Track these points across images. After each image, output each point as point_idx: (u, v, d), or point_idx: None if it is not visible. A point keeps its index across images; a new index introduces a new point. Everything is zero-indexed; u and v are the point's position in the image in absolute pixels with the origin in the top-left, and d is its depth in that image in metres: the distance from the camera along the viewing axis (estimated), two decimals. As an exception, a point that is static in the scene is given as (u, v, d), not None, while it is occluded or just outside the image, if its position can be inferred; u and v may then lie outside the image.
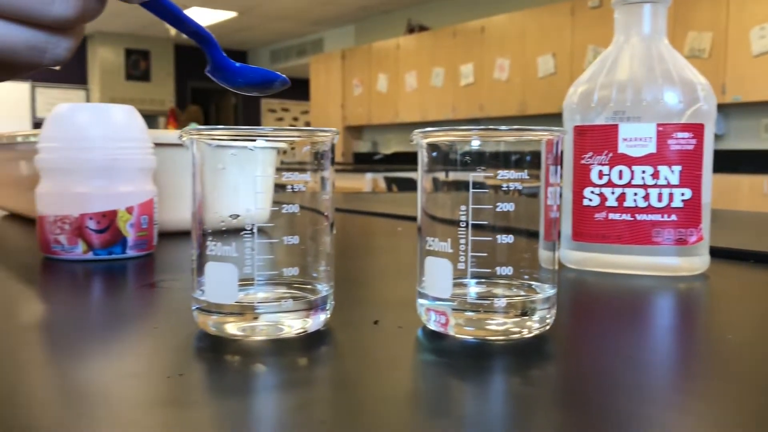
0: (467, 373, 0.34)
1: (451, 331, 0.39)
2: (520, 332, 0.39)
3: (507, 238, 0.39)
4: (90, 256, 0.65)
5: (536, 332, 0.39)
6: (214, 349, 0.37)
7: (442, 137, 0.40)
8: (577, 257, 0.63)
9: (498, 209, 0.38)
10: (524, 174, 0.38)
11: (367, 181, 4.72)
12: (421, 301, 0.41)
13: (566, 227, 0.64)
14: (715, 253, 0.64)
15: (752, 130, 4.18)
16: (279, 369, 0.35)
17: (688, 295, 0.56)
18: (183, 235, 0.78)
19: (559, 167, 0.41)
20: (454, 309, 0.39)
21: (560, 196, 0.42)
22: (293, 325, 0.39)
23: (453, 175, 0.40)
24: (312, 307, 0.40)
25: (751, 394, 0.32)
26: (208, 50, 0.40)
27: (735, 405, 0.30)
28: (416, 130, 0.41)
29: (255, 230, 0.39)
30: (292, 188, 0.40)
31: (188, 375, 0.33)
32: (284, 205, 0.39)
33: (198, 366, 0.36)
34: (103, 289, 0.57)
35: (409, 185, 4.17)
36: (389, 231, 0.98)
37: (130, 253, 0.66)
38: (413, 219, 1.09)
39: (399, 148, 6.41)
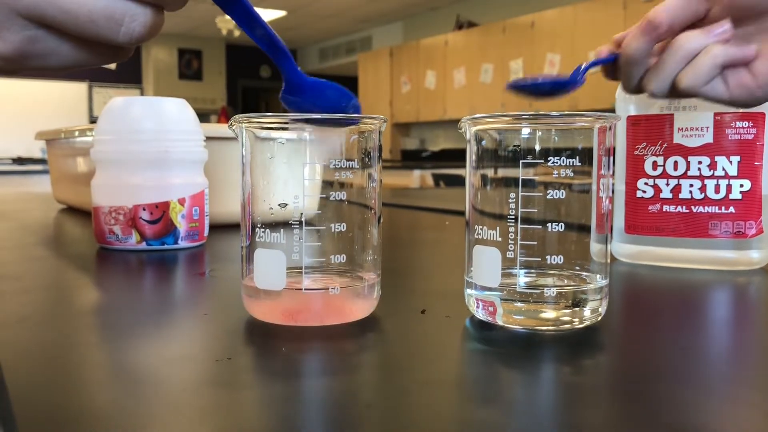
0: (515, 362, 0.34)
1: (500, 321, 0.39)
2: (570, 323, 0.38)
3: (557, 227, 0.38)
4: (143, 246, 0.66)
5: (587, 323, 0.39)
6: (263, 334, 0.38)
7: (491, 124, 0.40)
8: (630, 250, 0.62)
9: (548, 197, 0.38)
10: (576, 161, 0.38)
11: (414, 178, 4.71)
12: (469, 291, 0.41)
13: (619, 220, 0.62)
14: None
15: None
16: (326, 354, 0.35)
17: (746, 290, 0.54)
18: (233, 227, 0.79)
19: (611, 158, 0.40)
20: (502, 299, 0.38)
21: (612, 188, 0.41)
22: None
23: (502, 163, 0.39)
24: (359, 294, 0.40)
25: (814, 388, 0.30)
26: (279, 60, 0.40)
27: (797, 399, 0.29)
28: (465, 117, 0.40)
29: (303, 219, 0.39)
30: (340, 178, 0.40)
31: (237, 359, 0.34)
32: (332, 193, 0.39)
33: (247, 350, 0.36)
34: (156, 277, 0.58)
35: (457, 182, 4.15)
36: (437, 225, 0.98)
37: (182, 243, 0.67)
38: (461, 213, 1.08)
39: (447, 145, 6.38)
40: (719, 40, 0.44)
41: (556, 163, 0.38)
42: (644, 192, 0.60)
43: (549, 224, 0.38)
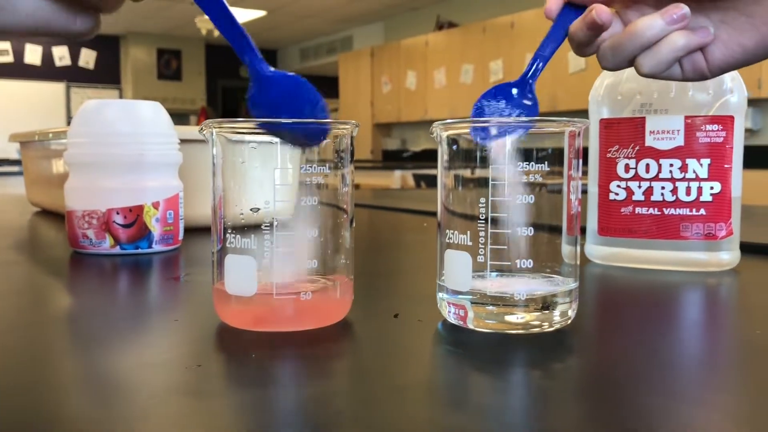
0: (486, 366, 0.34)
1: (471, 325, 0.39)
2: (540, 326, 0.38)
3: (526, 231, 0.38)
4: (117, 250, 0.66)
5: (557, 326, 0.39)
6: (234, 340, 0.38)
7: (462, 129, 0.40)
8: (603, 252, 0.62)
9: (518, 201, 0.38)
10: (545, 166, 0.38)
11: (396, 179, 4.71)
12: (440, 294, 0.41)
13: (592, 222, 0.63)
14: (747, 248, 0.63)
15: (789, 126, 4.08)
16: (297, 360, 0.35)
17: (716, 291, 0.55)
18: (209, 230, 0.79)
19: (580, 161, 0.40)
20: (473, 302, 0.39)
21: (582, 190, 0.42)
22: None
23: (472, 168, 0.40)
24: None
25: (777, 389, 0.31)
26: (244, 51, 0.40)
27: (760, 400, 0.30)
28: (436, 122, 0.40)
29: (275, 224, 0.39)
30: (311, 181, 0.40)
31: (206, 366, 0.34)
32: (304, 198, 0.39)
33: (217, 357, 0.36)
34: (129, 282, 0.58)
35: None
36: (415, 227, 0.98)
37: (156, 247, 0.67)
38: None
39: (428, 145, 6.40)
40: (678, 27, 0.44)
41: (526, 167, 0.38)
42: (617, 194, 0.61)
43: (519, 228, 0.38)
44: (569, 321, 0.40)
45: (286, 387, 0.31)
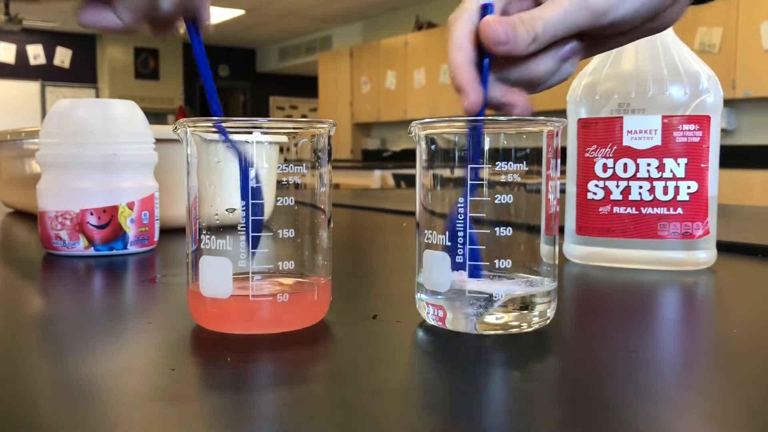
0: (464, 368, 0.34)
1: (449, 326, 0.38)
2: (519, 326, 0.38)
3: (505, 231, 0.38)
4: (91, 251, 0.64)
5: (536, 326, 0.39)
6: (209, 343, 0.37)
7: (440, 128, 0.40)
8: (581, 252, 0.62)
9: (497, 201, 0.38)
10: (523, 166, 0.38)
11: (375, 179, 4.71)
12: (419, 295, 0.40)
13: (570, 221, 0.63)
14: (723, 247, 0.63)
15: (763, 126, 4.14)
16: (273, 364, 0.34)
17: (693, 290, 0.55)
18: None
19: (558, 160, 0.40)
20: (451, 303, 0.38)
21: (560, 190, 0.41)
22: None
23: (451, 167, 0.39)
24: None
25: (754, 389, 0.31)
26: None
27: (737, 401, 0.30)
28: (415, 121, 0.40)
29: (250, 225, 0.38)
30: (288, 182, 0.39)
31: (180, 370, 0.33)
32: (280, 198, 0.39)
33: (191, 361, 0.35)
34: (103, 284, 0.57)
35: (418, 182, 4.16)
36: (394, 226, 0.98)
37: (131, 249, 0.66)
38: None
39: (408, 145, 6.40)
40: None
41: (504, 167, 0.38)
42: (595, 194, 0.61)
43: (498, 228, 0.38)
44: (548, 321, 0.39)
45: (261, 391, 0.31)
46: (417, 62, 5.96)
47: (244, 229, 0.38)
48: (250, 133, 0.39)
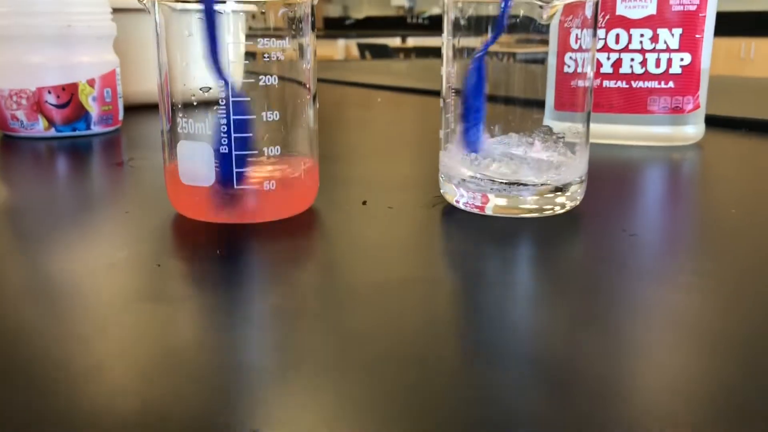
0: (468, 250, 0.32)
1: (489, 211, 0.37)
2: (552, 209, 0.37)
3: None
4: (52, 132, 0.60)
5: (568, 208, 0.37)
6: (193, 235, 0.35)
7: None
8: (562, 128, 0.60)
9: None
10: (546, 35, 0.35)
11: (339, 48, 4.56)
12: (454, 180, 0.38)
13: (550, 97, 0.60)
14: (709, 121, 0.62)
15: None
16: (262, 254, 0.33)
17: (680, 167, 0.54)
18: (150, 108, 0.74)
19: (590, 30, 0.37)
20: (493, 188, 0.37)
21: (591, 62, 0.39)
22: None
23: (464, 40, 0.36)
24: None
25: (755, 269, 0.30)
26: None
27: (740, 281, 0.29)
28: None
29: (230, 104, 0.35)
30: (269, 57, 0.36)
31: (167, 265, 0.31)
32: (261, 77, 0.36)
33: (178, 254, 0.33)
34: (69, 169, 0.53)
35: (384, 52, 4.04)
36: (367, 102, 0.94)
37: (95, 129, 0.62)
38: (391, 89, 1.04)
39: (371, 12, 6.16)
40: None
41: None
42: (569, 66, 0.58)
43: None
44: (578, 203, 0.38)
45: (257, 287, 0.29)
46: None
47: (224, 113, 0.35)
48: (224, 1, 0.35)
